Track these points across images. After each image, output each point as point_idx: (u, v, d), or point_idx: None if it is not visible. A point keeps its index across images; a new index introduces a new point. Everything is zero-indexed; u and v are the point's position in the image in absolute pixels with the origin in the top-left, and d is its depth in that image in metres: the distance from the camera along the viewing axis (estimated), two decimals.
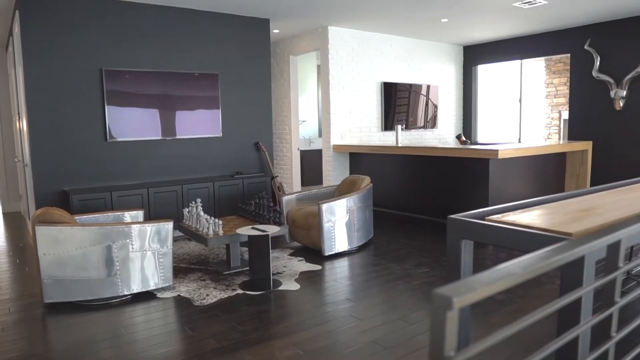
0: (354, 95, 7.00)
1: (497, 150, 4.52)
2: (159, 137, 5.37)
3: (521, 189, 5.36)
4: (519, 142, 7.74)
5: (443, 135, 8.21)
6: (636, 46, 6.21)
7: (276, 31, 6.93)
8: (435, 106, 8.09)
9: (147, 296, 3.52)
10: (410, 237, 5.11)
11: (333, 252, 4.42)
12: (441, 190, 5.53)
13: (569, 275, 1.78)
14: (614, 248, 1.31)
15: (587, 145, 5.74)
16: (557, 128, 9.42)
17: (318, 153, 7.70)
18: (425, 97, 7.95)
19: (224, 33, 5.79)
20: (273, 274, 3.91)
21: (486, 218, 2.31)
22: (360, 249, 4.68)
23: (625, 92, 6.29)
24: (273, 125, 7.47)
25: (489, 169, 4.82)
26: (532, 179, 5.52)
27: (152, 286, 3.54)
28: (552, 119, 9.53)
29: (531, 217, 2.31)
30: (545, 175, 5.69)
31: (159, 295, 3.54)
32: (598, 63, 6.54)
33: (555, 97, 9.46)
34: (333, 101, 6.76)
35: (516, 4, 5.64)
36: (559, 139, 9.29)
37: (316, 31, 6.85)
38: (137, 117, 5.24)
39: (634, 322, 1.43)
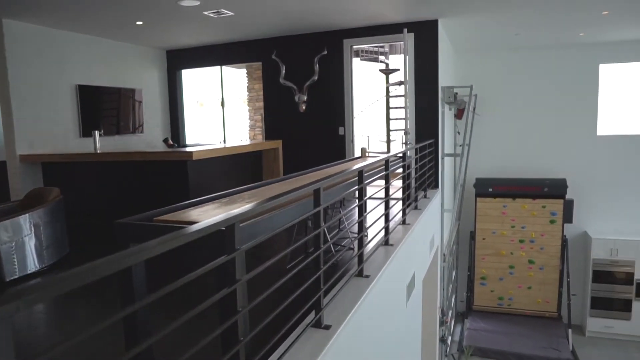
0: (43, 100, 6.27)
1: (191, 152, 4.68)
2: None
3: (223, 187, 5.64)
4: (224, 143, 8.20)
5: (151, 139, 8.08)
6: (312, 57, 7.24)
7: None
8: (143, 110, 7.90)
9: None
10: (111, 247, 4.85)
11: (17, 277, 3.88)
12: (144, 195, 5.43)
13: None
14: (229, 231, 1.48)
15: (277, 144, 6.44)
16: (261, 129, 10.30)
17: (4, 165, 6.66)
18: (133, 101, 7.68)
19: None
20: None
21: (154, 219, 2.35)
22: (52, 267, 4.22)
23: (306, 97, 7.29)
24: None
25: (188, 170, 4.96)
26: (234, 176, 5.90)
27: None
28: (255, 121, 10.38)
29: (198, 213, 2.45)
30: (246, 172, 6.17)
31: None
32: (284, 71, 7.39)
33: (257, 101, 10.33)
34: (16, 106, 5.92)
35: (206, 13, 5.92)
36: (263, 139, 10.19)
37: None
38: None
39: (258, 298, 1.65)
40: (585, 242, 9.59)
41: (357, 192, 3.05)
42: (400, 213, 4.42)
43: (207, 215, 2.37)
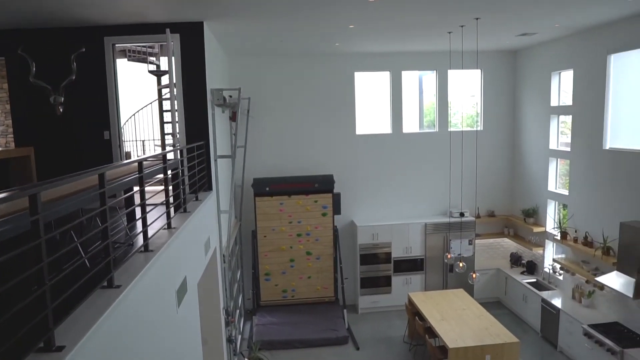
0: None
1: None
2: None
3: None
4: None
5: None
6: (68, 54, 6.56)
7: None
8: None
9: None
10: None
11: None
12: None
13: None
14: None
15: (28, 151, 5.69)
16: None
17: None
18: None
19: None
20: None
21: None
22: None
23: (63, 98, 6.58)
24: None
25: None
26: None
27: None
28: (7, 126, 9.02)
29: None
30: None
31: None
32: (34, 69, 6.55)
33: (7, 104, 8.97)
34: None
35: None
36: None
37: None
38: None
39: None
40: (352, 230, 10.75)
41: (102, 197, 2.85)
42: (165, 217, 4.29)
43: None
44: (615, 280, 7.29)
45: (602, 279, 7.54)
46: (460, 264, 8.01)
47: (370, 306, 10.58)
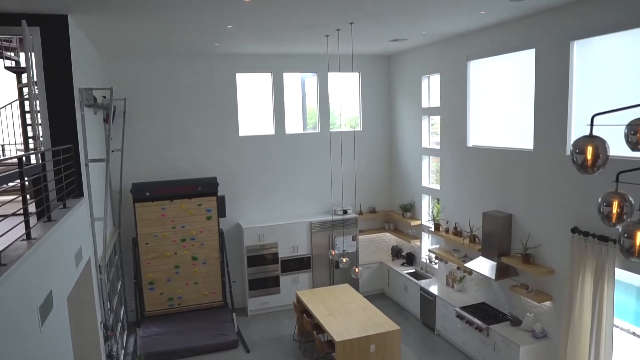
0: None
1: None
2: None
3: None
4: None
5: None
6: None
7: None
8: None
9: None
10: None
11: None
12: None
13: None
14: None
15: None
16: None
17: None
18: None
19: None
20: None
21: None
22: None
23: None
24: None
25: None
26: None
27: None
28: None
29: None
30: None
31: None
32: None
33: None
34: None
35: None
36: None
37: None
38: None
39: None
40: (238, 232, 10.64)
41: None
42: (22, 228, 3.92)
43: None
44: (480, 265, 8.03)
45: (470, 264, 8.26)
46: (344, 260, 8.29)
47: (260, 307, 10.56)
